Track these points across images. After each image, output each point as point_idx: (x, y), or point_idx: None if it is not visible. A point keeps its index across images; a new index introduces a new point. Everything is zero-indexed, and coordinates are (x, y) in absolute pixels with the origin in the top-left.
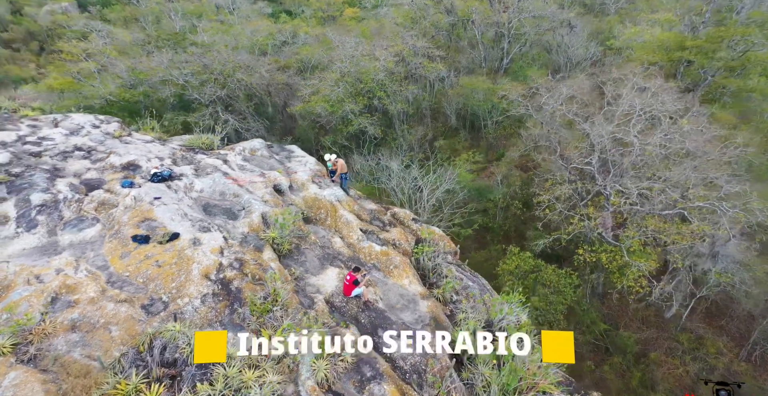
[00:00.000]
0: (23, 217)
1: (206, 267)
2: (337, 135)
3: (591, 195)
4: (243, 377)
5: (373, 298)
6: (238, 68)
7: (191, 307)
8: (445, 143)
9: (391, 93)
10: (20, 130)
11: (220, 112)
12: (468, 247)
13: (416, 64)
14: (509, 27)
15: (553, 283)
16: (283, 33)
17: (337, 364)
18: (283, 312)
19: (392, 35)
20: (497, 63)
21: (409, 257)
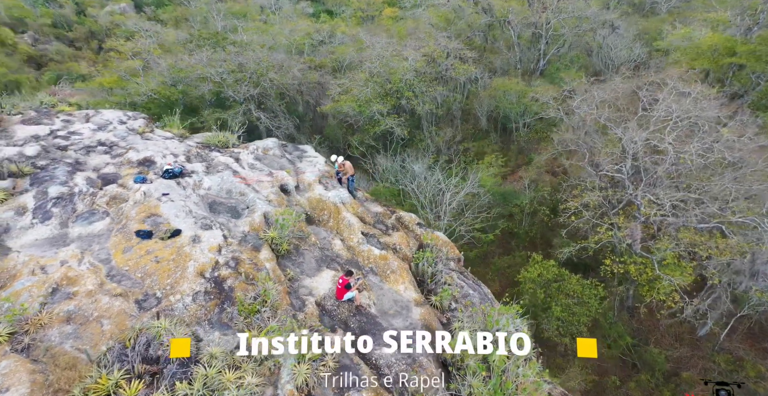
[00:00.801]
0: (39, 209)
1: (202, 265)
2: (365, 135)
3: (622, 204)
4: (222, 378)
5: (365, 303)
6: (271, 68)
7: (182, 305)
8: (474, 146)
9: (419, 94)
10: (54, 125)
11: (252, 110)
12: (491, 253)
13: (446, 66)
14: (547, 28)
15: (577, 293)
16: (320, 33)
17: (319, 369)
18: (271, 313)
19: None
20: (533, 65)
21: (409, 262)
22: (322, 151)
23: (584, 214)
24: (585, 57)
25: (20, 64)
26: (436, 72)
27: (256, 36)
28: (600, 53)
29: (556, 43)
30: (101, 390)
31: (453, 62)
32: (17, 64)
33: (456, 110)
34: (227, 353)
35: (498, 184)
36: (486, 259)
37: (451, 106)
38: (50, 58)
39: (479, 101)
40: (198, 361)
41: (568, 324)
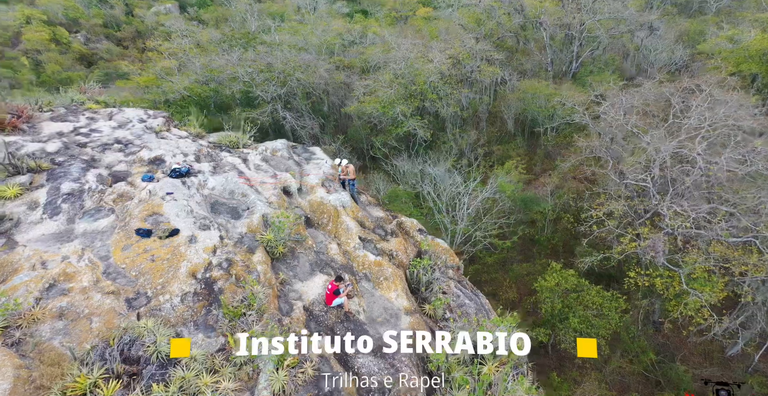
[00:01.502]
0: (50, 204)
1: (195, 265)
2: (388, 136)
3: (650, 214)
4: (199, 381)
5: (355, 310)
6: (298, 68)
7: (170, 305)
8: (499, 149)
9: (443, 96)
10: (78, 122)
11: (279, 110)
12: (511, 259)
13: (472, 68)
14: (581, 29)
15: (596, 305)
16: (351, 33)
17: (297, 376)
18: (257, 317)
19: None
20: (565, 67)
21: (405, 269)
22: (345, 150)
23: (607, 223)
24: (620, 60)
25: (72, 62)
26: (461, 74)
27: (288, 36)
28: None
29: (590, 45)
30: (79, 389)
31: (479, 64)
32: (70, 62)
33: (482, 113)
34: (208, 356)
35: (521, 190)
36: (505, 266)
37: (477, 109)
38: (100, 56)
39: (506, 104)
40: (178, 363)
41: (587, 336)
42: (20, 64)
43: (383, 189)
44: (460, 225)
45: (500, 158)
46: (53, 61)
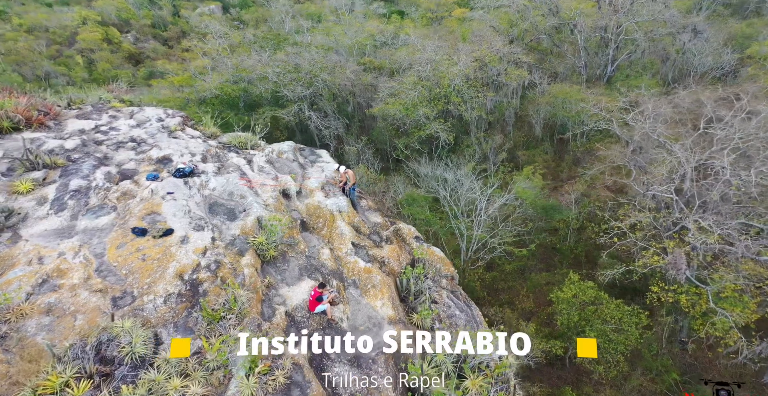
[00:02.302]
0: (57, 200)
1: (183, 266)
2: (410, 138)
3: (678, 227)
4: (168, 385)
5: (338, 317)
6: (325, 68)
7: (152, 305)
8: (525, 154)
9: (468, 99)
10: (100, 120)
11: (305, 110)
12: (530, 267)
13: (498, 71)
14: (617, 32)
15: (615, 319)
16: (383, 34)
17: (268, 383)
18: (237, 321)
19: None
20: (600, 71)
21: (396, 277)
22: (368, 152)
23: (629, 235)
24: (660, 64)
25: (122, 60)
26: (486, 77)
27: (320, 37)
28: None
29: (627, 48)
30: (50, 387)
31: (507, 67)
32: (119, 60)
33: (509, 117)
34: (182, 359)
35: (545, 196)
36: (523, 274)
37: (504, 113)
38: (147, 55)
39: (535, 108)
40: (150, 364)
41: (604, 351)
42: (75, 62)
43: (402, 192)
44: (475, 231)
45: (525, 163)
46: (104, 60)
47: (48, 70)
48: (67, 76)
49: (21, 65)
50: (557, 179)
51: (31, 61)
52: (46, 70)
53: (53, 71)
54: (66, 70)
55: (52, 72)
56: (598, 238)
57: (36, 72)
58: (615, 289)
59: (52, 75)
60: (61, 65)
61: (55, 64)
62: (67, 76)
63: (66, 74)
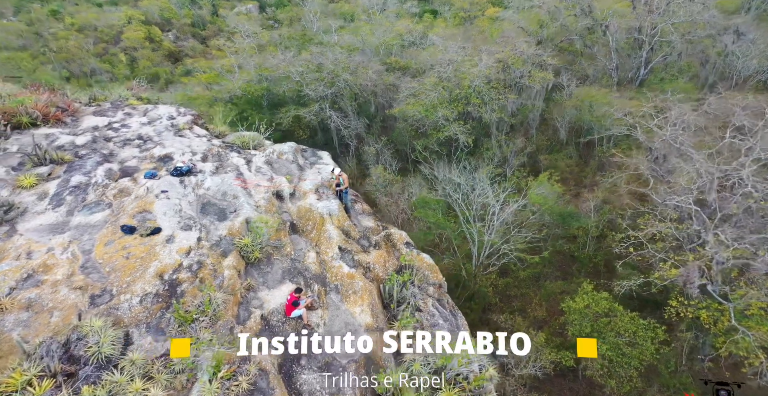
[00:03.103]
0: (57, 196)
1: (165, 266)
2: (429, 140)
3: (701, 240)
4: (129, 387)
5: (315, 322)
6: (347, 68)
7: (128, 305)
8: (547, 159)
9: (488, 101)
10: (114, 117)
11: (326, 109)
12: (546, 275)
13: (521, 72)
14: (652, 33)
15: (629, 332)
16: (412, 33)
17: (230, 389)
18: (210, 323)
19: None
20: (632, 73)
21: (381, 283)
22: (387, 152)
23: (646, 245)
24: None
25: (162, 58)
26: (509, 79)
27: (347, 36)
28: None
29: (663, 50)
30: (12, 385)
31: (530, 69)
32: (159, 58)
33: (533, 119)
34: (149, 360)
35: (566, 202)
36: (538, 281)
37: (528, 115)
38: (185, 53)
39: (560, 111)
40: (115, 365)
41: (617, 365)
42: (118, 60)
43: (416, 194)
44: (487, 236)
45: (546, 168)
46: (145, 58)
47: (94, 67)
48: (111, 73)
49: (70, 62)
50: (580, 185)
51: (80, 58)
52: (92, 67)
53: (98, 68)
54: (110, 67)
55: (97, 69)
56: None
57: (83, 69)
58: (634, 301)
59: (98, 72)
60: (106, 62)
61: (100, 62)
62: (111, 73)
63: (110, 71)
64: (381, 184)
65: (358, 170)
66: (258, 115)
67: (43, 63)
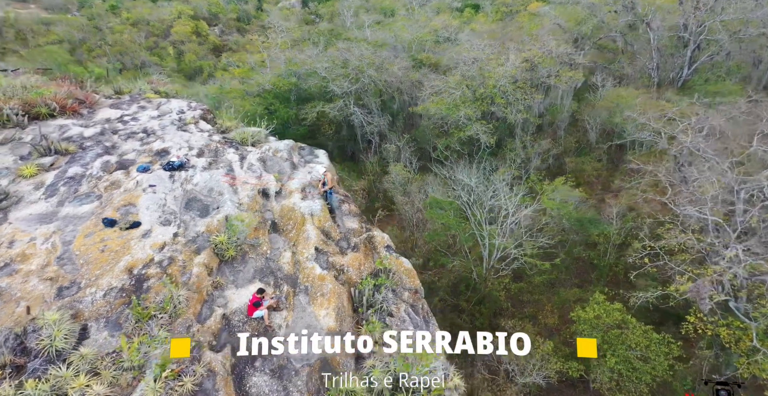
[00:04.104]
0: (52, 186)
1: (136, 260)
2: (451, 139)
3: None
4: (73, 382)
5: (277, 324)
6: (372, 64)
7: (91, 299)
8: (573, 162)
9: (513, 101)
10: (128, 110)
11: (350, 105)
12: (562, 282)
13: (549, 72)
14: (698, 31)
15: (641, 346)
16: (447, 29)
17: (174, 389)
18: (170, 321)
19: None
20: (674, 74)
21: (353, 287)
22: (408, 150)
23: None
24: (751, 67)
25: (207, 52)
26: (536, 78)
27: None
28: None
29: (710, 49)
30: None
31: (559, 69)
32: (204, 52)
33: (561, 120)
34: (100, 356)
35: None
36: (553, 288)
37: (557, 116)
38: (229, 47)
39: (591, 112)
40: (64, 360)
41: (626, 379)
42: (167, 53)
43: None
44: (497, 239)
45: (571, 171)
46: (191, 51)
47: (144, 60)
48: (159, 66)
49: (123, 55)
50: (607, 190)
51: (132, 51)
52: (142, 60)
53: (148, 61)
54: (159, 60)
55: (147, 62)
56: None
57: (134, 61)
58: (655, 313)
59: (147, 64)
60: (155, 56)
61: (150, 55)
62: (159, 66)
63: (158, 64)
64: (399, 182)
65: (380, 167)
66: (285, 109)
67: (99, 56)
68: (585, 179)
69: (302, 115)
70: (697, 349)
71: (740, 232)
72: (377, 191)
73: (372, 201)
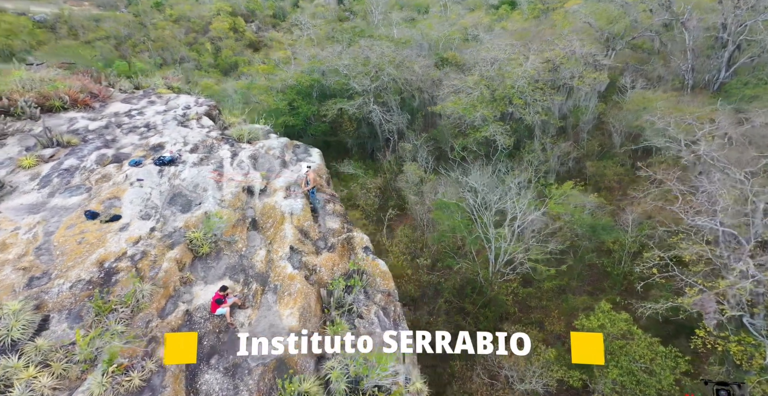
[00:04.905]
0: (46, 177)
1: (108, 253)
2: (467, 139)
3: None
4: (22, 373)
5: (240, 322)
6: (392, 62)
7: (58, 290)
8: (593, 166)
9: (531, 102)
10: (137, 105)
11: (369, 103)
12: (573, 289)
13: (572, 73)
14: (737, 31)
15: (645, 359)
16: (477, 27)
17: (121, 384)
18: (131, 315)
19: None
20: (710, 76)
21: (323, 287)
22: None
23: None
24: None
25: (243, 48)
26: (558, 79)
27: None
28: None
29: (750, 50)
30: None
31: (583, 69)
32: (240, 48)
33: (585, 122)
34: (56, 348)
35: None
36: (562, 294)
37: (580, 118)
38: (264, 43)
39: (617, 115)
40: (18, 350)
41: (630, 392)
42: (204, 48)
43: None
44: (502, 243)
45: (591, 176)
46: (228, 47)
47: (183, 55)
48: (197, 61)
49: (164, 50)
50: (629, 195)
51: (172, 47)
52: (181, 55)
53: (187, 56)
54: (197, 55)
55: (186, 57)
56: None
57: (174, 57)
58: (669, 325)
59: (186, 59)
60: (194, 51)
61: (189, 50)
62: (197, 61)
63: (195, 59)
64: (413, 181)
65: (396, 166)
66: (307, 105)
67: (142, 51)
68: (605, 184)
69: (323, 111)
70: (707, 364)
71: (755, 245)
72: (391, 190)
73: (387, 200)
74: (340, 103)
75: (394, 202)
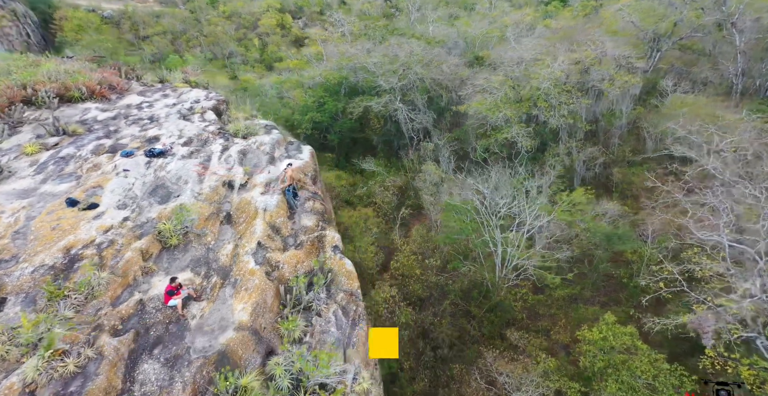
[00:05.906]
0: (43, 164)
1: (77, 240)
2: (490, 140)
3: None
4: None
5: (192, 314)
6: (420, 61)
7: (19, 273)
8: (620, 173)
9: (556, 104)
10: (150, 97)
11: (395, 101)
12: (585, 298)
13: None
14: None
15: (647, 375)
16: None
17: (56, 369)
18: (84, 302)
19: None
20: (763, 80)
21: (283, 284)
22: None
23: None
24: None
25: (288, 44)
26: (587, 81)
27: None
28: None
29: None
30: None
31: (615, 72)
32: (286, 44)
33: (617, 127)
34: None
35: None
36: (573, 302)
37: (613, 122)
38: (309, 39)
39: (652, 120)
40: None
41: None
42: (252, 44)
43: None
44: (510, 248)
45: (617, 183)
46: (274, 43)
47: (232, 50)
48: (244, 56)
49: (214, 45)
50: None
51: (222, 42)
52: (230, 50)
53: (235, 51)
54: (244, 50)
55: (234, 52)
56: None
57: (223, 51)
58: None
59: (234, 54)
60: (242, 46)
61: (238, 46)
62: (244, 56)
63: (243, 54)
64: (431, 181)
65: (419, 165)
66: (334, 101)
67: (195, 46)
68: (632, 192)
69: (350, 108)
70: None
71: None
72: (410, 189)
73: (406, 198)
74: (367, 100)
75: (412, 202)
